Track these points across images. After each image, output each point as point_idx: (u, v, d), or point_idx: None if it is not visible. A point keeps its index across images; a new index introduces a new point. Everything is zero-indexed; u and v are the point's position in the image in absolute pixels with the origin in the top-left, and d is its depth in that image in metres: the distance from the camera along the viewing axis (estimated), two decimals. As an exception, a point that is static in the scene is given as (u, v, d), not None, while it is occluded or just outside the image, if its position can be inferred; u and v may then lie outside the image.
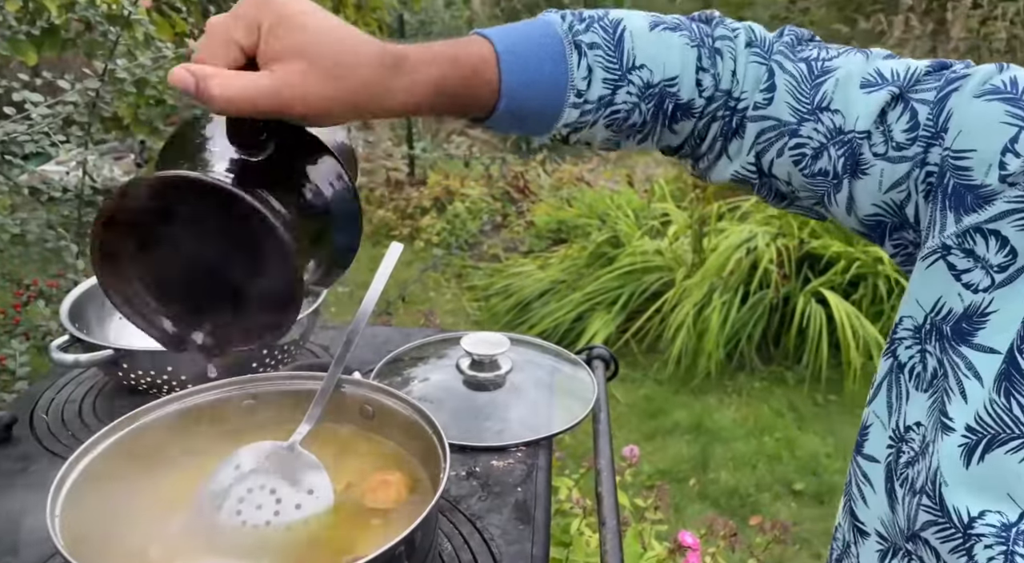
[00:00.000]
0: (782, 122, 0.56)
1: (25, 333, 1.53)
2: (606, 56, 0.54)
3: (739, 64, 0.58)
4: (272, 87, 0.44)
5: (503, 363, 0.89)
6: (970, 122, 0.50)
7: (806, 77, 0.56)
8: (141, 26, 1.75)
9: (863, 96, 0.54)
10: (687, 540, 1.32)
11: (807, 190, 0.59)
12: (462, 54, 0.50)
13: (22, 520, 0.69)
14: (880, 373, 0.58)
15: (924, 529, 0.50)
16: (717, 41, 0.58)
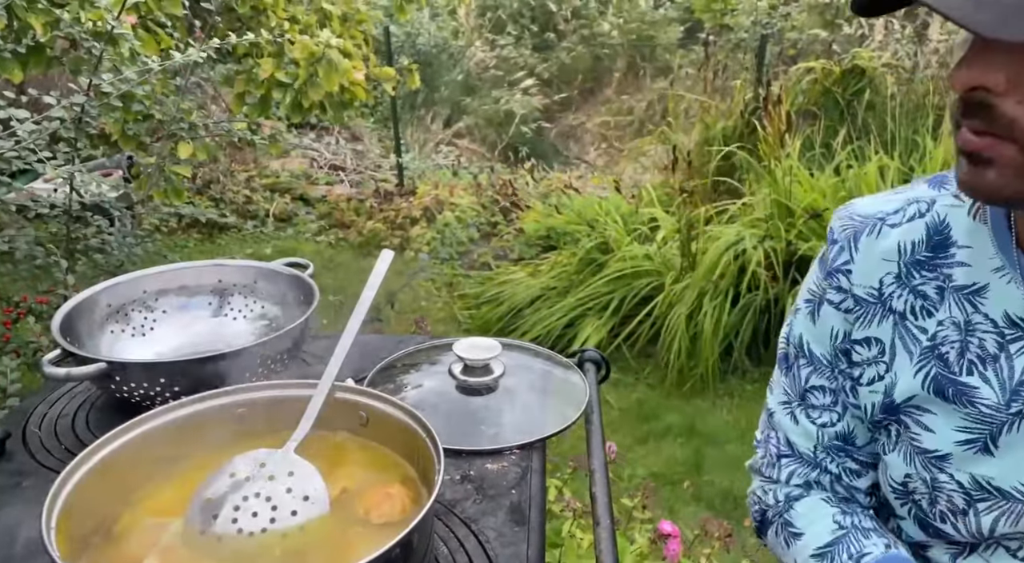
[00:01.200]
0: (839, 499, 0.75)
1: (15, 350, 1.52)
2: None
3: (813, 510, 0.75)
4: None
5: (495, 367, 0.90)
6: (820, 333, 0.71)
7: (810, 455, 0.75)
8: (126, 41, 1.75)
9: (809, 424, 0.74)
10: (667, 529, 1.33)
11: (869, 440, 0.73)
12: None
13: (17, 534, 0.69)
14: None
15: (995, 528, 0.61)
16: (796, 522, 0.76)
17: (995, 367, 0.59)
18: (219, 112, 4.02)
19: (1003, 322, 0.59)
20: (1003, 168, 0.49)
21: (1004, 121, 0.48)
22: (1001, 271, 0.59)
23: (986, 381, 0.59)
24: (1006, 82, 0.48)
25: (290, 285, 0.99)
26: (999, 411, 0.59)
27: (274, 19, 2.47)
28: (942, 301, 0.62)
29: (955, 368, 0.61)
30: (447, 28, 7.47)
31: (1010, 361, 0.58)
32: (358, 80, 2.29)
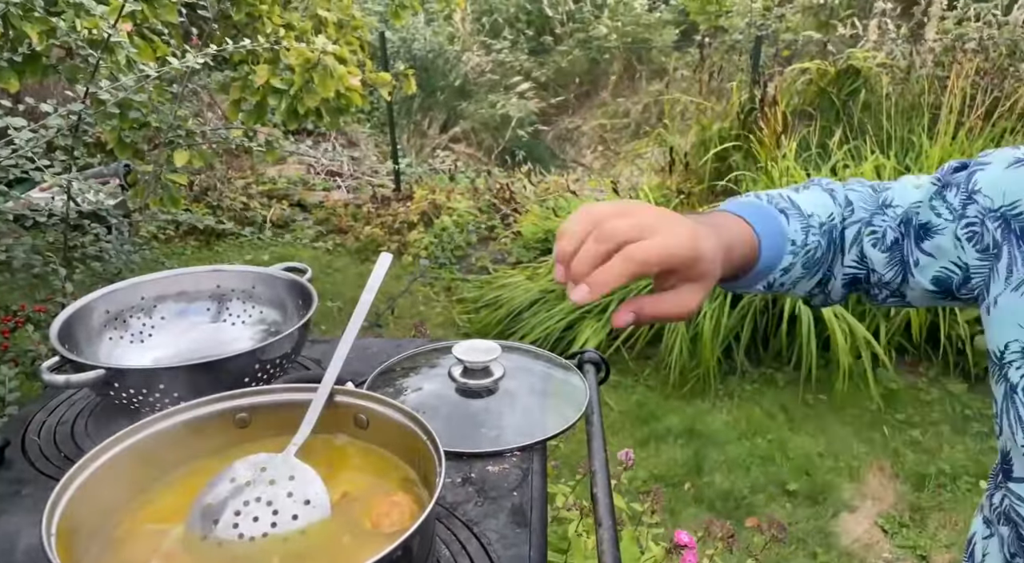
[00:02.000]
0: (860, 219, 0.78)
1: (14, 359, 1.52)
2: (795, 213, 0.75)
3: (840, 196, 0.79)
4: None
5: (495, 370, 0.90)
6: (1009, 184, 0.68)
7: (871, 193, 0.80)
8: (123, 49, 1.75)
9: (915, 191, 0.75)
10: (683, 539, 1.32)
11: (889, 269, 0.77)
12: (741, 235, 0.70)
13: (17, 542, 0.69)
14: (997, 403, 0.69)
15: None
16: (828, 185, 0.81)
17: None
18: (215, 119, 4.02)
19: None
20: None
21: None
22: None
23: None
24: None
25: (288, 290, 0.99)
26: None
27: (269, 26, 2.48)
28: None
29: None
30: (443, 33, 7.49)
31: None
32: (354, 86, 2.29)
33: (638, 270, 0.58)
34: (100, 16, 1.71)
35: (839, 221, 0.78)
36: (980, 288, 0.71)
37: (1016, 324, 0.66)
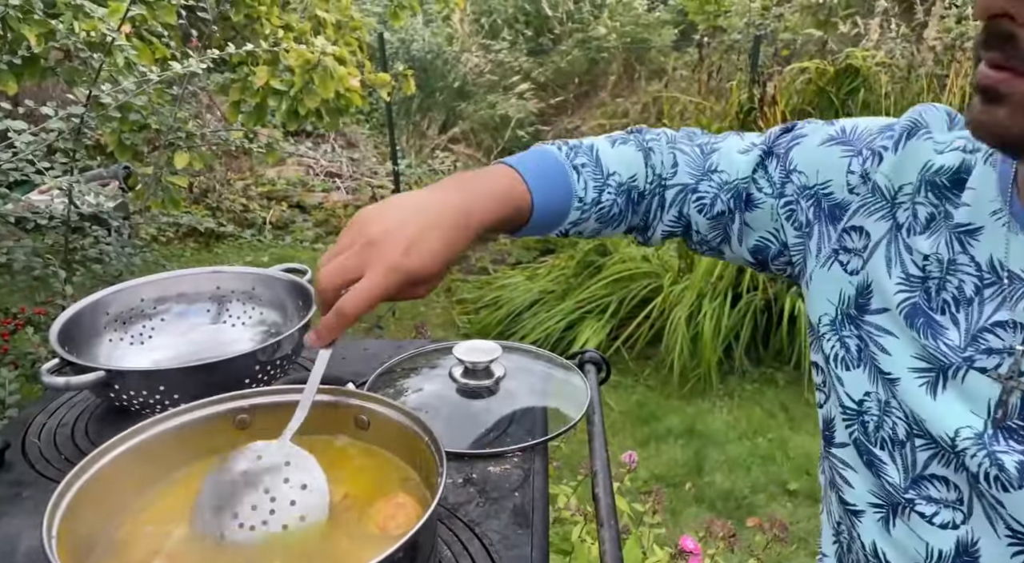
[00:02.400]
0: (685, 184, 0.78)
1: (13, 362, 1.52)
2: (592, 171, 0.75)
3: (664, 155, 0.79)
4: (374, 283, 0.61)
5: (496, 370, 0.90)
6: (821, 163, 0.71)
7: (698, 155, 0.78)
8: (122, 51, 1.75)
9: (741, 157, 0.76)
10: (688, 545, 1.32)
11: (712, 231, 0.79)
12: (507, 193, 0.69)
13: (17, 545, 0.68)
14: (820, 375, 0.72)
15: (927, 467, 0.60)
16: (649, 142, 0.79)
17: (967, 311, 0.58)
18: (214, 121, 4.03)
19: (986, 266, 0.57)
20: (1016, 105, 0.47)
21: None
22: (998, 214, 0.58)
23: (955, 323, 0.59)
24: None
25: (288, 291, 0.99)
26: (954, 352, 0.58)
27: (268, 27, 2.48)
28: (929, 232, 0.62)
29: (933, 304, 0.60)
30: (441, 34, 7.49)
31: (981, 307, 0.57)
32: (354, 86, 2.29)
33: (356, 317, 0.60)
34: (99, 18, 1.71)
35: (650, 181, 0.78)
36: (800, 264, 0.73)
37: (826, 299, 0.69)
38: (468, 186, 0.67)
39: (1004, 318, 0.55)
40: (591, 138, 0.79)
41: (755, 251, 0.77)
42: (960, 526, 0.58)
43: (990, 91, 0.48)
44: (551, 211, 0.72)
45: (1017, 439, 0.54)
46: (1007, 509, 0.54)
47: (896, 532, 0.63)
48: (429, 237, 0.61)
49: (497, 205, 0.67)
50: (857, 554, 0.67)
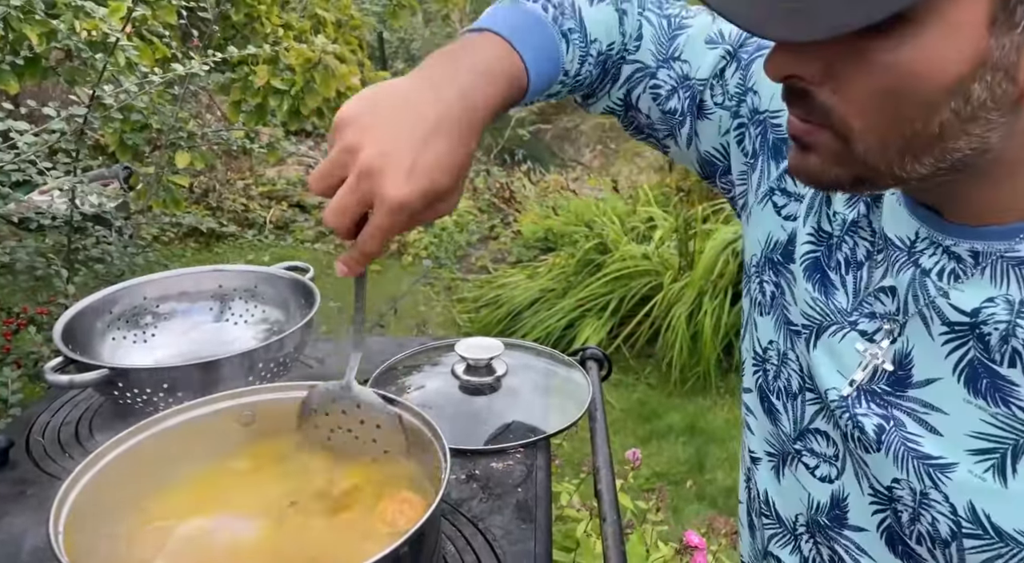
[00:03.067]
0: (645, 65, 0.69)
1: (16, 361, 1.52)
2: (579, 39, 0.65)
3: (632, 20, 0.69)
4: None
5: (498, 367, 0.90)
6: (777, 85, 0.62)
7: (665, 30, 0.69)
8: (123, 52, 1.75)
9: (707, 50, 0.68)
10: (693, 540, 1.32)
11: (661, 124, 0.72)
12: (504, 76, 0.59)
13: (22, 542, 0.69)
14: (745, 313, 0.70)
15: (812, 421, 0.60)
16: (623, 3, 0.69)
17: (856, 274, 0.58)
18: (214, 121, 4.03)
19: (880, 232, 0.57)
20: (823, 154, 0.48)
21: (821, 110, 0.46)
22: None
23: (844, 285, 0.58)
24: (820, 72, 0.45)
25: (291, 289, 0.99)
26: (840, 314, 0.58)
27: (268, 26, 2.48)
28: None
29: (830, 261, 0.60)
30: (441, 33, 7.49)
31: (870, 272, 0.57)
32: (355, 85, 2.29)
33: (380, 252, 0.54)
34: (100, 18, 1.71)
35: (617, 51, 0.69)
36: (743, 196, 0.69)
37: (756, 239, 0.67)
38: (464, 72, 0.56)
39: (887, 284, 0.55)
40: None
41: (703, 163, 0.72)
42: (835, 480, 0.59)
43: (800, 140, 0.49)
44: (542, 86, 0.63)
45: (878, 403, 0.54)
46: (871, 469, 0.55)
47: (784, 481, 0.63)
48: (434, 149, 0.51)
49: (499, 92, 0.57)
50: (756, 502, 0.68)
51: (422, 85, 0.54)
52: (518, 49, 0.59)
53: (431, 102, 0.53)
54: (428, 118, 0.52)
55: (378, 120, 0.52)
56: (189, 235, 4.59)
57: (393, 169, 0.50)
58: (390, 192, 0.50)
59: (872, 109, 0.45)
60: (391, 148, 0.50)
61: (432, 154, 0.51)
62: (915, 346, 0.53)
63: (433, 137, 0.51)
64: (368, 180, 0.50)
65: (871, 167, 0.47)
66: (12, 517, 0.73)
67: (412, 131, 0.51)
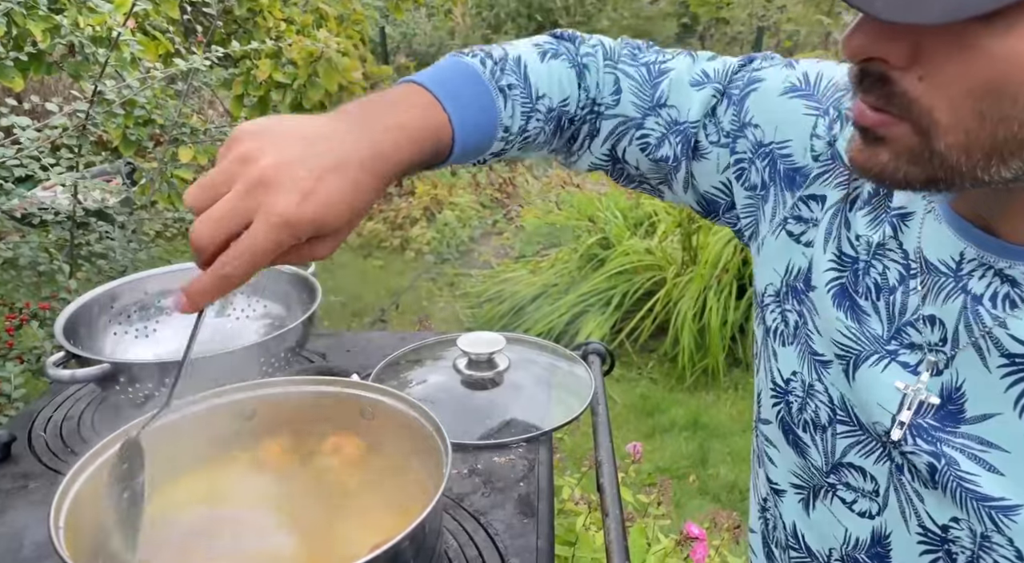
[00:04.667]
0: (629, 118, 0.67)
1: (19, 356, 1.52)
2: (521, 93, 0.62)
3: (600, 75, 0.68)
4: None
5: (500, 361, 0.90)
6: (782, 118, 0.62)
7: (646, 79, 0.67)
8: (127, 47, 1.75)
9: (694, 92, 0.66)
10: (694, 531, 1.32)
11: (653, 172, 0.70)
12: (424, 129, 0.55)
13: (24, 537, 0.69)
14: (757, 345, 0.67)
15: (846, 454, 0.57)
16: (584, 58, 0.68)
17: (889, 299, 0.54)
18: (216, 116, 4.03)
19: (913, 255, 0.54)
20: (897, 149, 0.43)
21: (902, 99, 0.42)
22: (926, 200, 0.54)
23: (876, 311, 0.55)
24: (907, 56, 0.41)
25: (292, 284, 0.99)
26: (877, 342, 0.55)
27: (271, 20, 2.48)
28: (869, 209, 0.57)
29: (858, 287, 0.56)
30: (443, 28, 7.47)
31: (905, 297, 0.54)
32: (357, 79, 2.29)
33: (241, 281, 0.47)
34: (106, 13, 1.71)
35: (581, 106, 0.67)
36: (752, 227, 0.67)
37: (772, 268, 0.64)
38: (379, 119, 0.53)
39: (927, 313, 0.52)
40: (515, 46, 0.66)
41: (703, 203, 0.70)
42: (875, 517, 0.56)
43: (870, 132, 0.45)
44: (473, 144, 0.60)
45: (926, 439, 0.51)
46: (925, 506, 0.52)
47: (815, 515, 0.61)
48: (335, 182, 0.47)
49: (413, 144, 0.54)
50: (780, 533, 0.66)
51: (334, 124, 0.51)
52: (443, 103, 0.56)
53: (339, 140, 0.49)
54: (333, 152, 0.48)
55: (283, 137, 0.48)
56: (192, 231, 4.59)
57: (290, 185, 0.46)
58: (281, 207, 0.45)
59: (965, 103, 0.40)
60: (292, 164, 0.47)
61: (332, 187, 0.47)
62: (967, 379, 0.50)
63: (335, 172, 0.48)
64: (261, 191, 0.46)
65: (951, 167, 0.42)
66: (15, 511, 0.73)
67: (316, 158, 0.47)
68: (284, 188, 0.46)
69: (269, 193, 0.46)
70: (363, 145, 0.50)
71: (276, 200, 0.45)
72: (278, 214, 0.45)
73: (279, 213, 0.45)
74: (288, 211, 0.46)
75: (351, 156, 0.49)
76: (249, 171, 0.46)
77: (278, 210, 0.45)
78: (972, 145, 0.41)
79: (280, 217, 0.45)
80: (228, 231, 0.46)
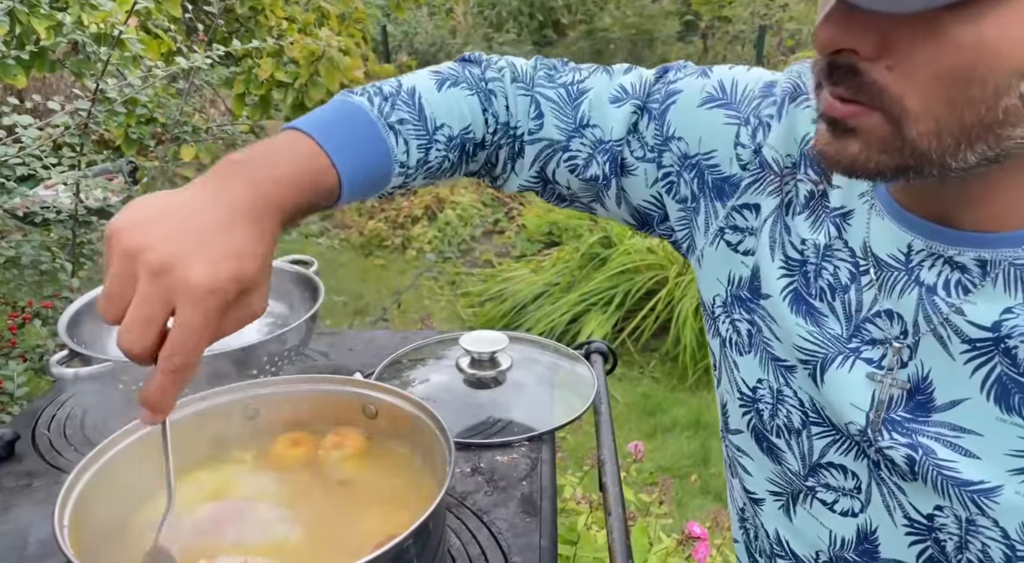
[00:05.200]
0: (554, 141, 0.68)
1: (22, 355, 1.52)
2: (415, 127, 0.62)
3: (510, 99, 0.68)
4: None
5: (503, 360, 0.90)
6: (704, 129, 0.63)
7: (566, 100, 0.67)
8: (130, 45, 1.75)
9: (614, 110, 0.66)
10: (696, 531, 1.32)
11: (584, 192, 0.70)
12: (306, 175, 0.54)
13: (29, 535, 0.69)
14: (715, 356, 0.68)
15: (824, 455, 0.58)
16: (489, 83, 0.68)
17: (843, 298, 0.55)
18: (218, 114, 4.03)
19: (860, 252, 0.54)
20: (868, 139, 0.44)
21: (872, 89, 0.42)
22: (864, 197, 0.55)
23: (832, 311, 0.55)
24: (876, 46, 0.41)
25: (295, 282, 0.99)
26: (838, 342, 0.55)
27: (272, 19, 2.48)
28: (808, 212, 0.57)
29: (810, 290, 0.57)
30: (445, 26, 7.47)
31: (859, 294, 0.54)
32: (358, 78, 2.29)
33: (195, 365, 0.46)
34: (109, 11, 1.71)
35: (490, 132, 0.67)
36: (687, 239, 0.67)
37: (716, 279, 0.64)
38: (255, 173, 0.51)
39: (883, 308, 0.52)
40: (412, 77, 0.66)
41: (636, 216, 0.71)
42: (859, 514, 0.56)
43: (838, 124, 0.45)
44: (366, 182, 0.59)
45: (900, 431, 0.51)
46: (908, 497, 0.52)
47: (798, 520, 0.61)
48: (232, 236, 0.46)
49: (296, 192, 0.52)
50: (763, 542, 0.66)
51: (203, 192, 0.49)
52: (323, 146, 0.55)
53: (213, 203, 0.48)
54: (218, 214, 0.47)
55: (160, 220, 0.46)
56: (194, 229, 4.59)
57: (191, 257, 0.44)
58: (194, 278, 0.44)
59: (935, 90, 0.40)
60: (182, 240, 0.45)
61: (232, 239, 0.46)
62: (932, 368, 0.50)
63: (228, 226, 0.47)
64: (165, 276, 0.44)
65: (921, 154, 0.43)
66: (18, 509, 0.73)
67: (203, 226, 0.46)
68: (187, 260, 0.44)
69: (175, 272, 0.44)
70: (246, 197, 0.49)
71: (188, 275, 0.44)
72: (195, 284, 0.44)
73: (197, 284, 0.44)
74: (204, 277, 0.44)
75: (235, 210, 0.48)
76: (145, 260, 0.44)
77: (194, 280, 0.44)
78: (942, 131, 0.42)
79: (200, 287, 0.44)
80: (157, 326, 0.45)
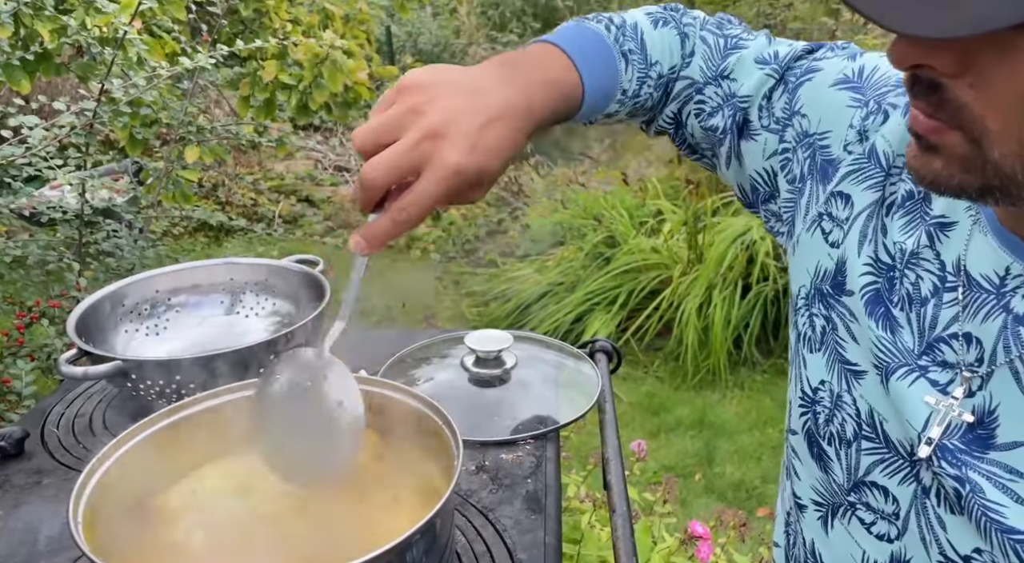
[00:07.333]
0: (693, 81, 0.69)
1: (30, 354, 1.53)
2: (639, 59, 0.66)
3: (692, 42, 0.70)
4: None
5: (507, 359, 0.90)
6: (827, 108, 0.62)
7: (720, 49, 0.69)
8: (134, 47, 1.76)
9: (755, 69, 0.66)
10: (698, 530, 1.33)
11: (705, 141, 0.71)
12: (565, 86, 0.60)
13: (39, 531, 0.70)
14: (792, 349, 0.66)
15: (869, 472, 0.55)
16: (686, 27, 0.70)
17: (919, 312, 0.53)
18: (223, 115, 4.04)
19: (951, 267, 0.52)
20: (950, 158, 0.42)
21: (953, 106, 0.41)
22: (971, 210, 0.52)
23: (908, 323, 0.53)
24: (956, 63, 0.39)
25: (301, 282, 1.00)
26: (908, 356, 0.52)
27: (277, 21, 2.48)
28: (903, 213, 0.55)
29: (892, 296, 0.54)
30: (448, 27, 7.48)
31: (937, 310, 0.52)
32: (362, 80, 2.29)
33: (417, 223, 0.51)
34: (112, 14, 1.72)
35: (676, 73, 0.69)
36: (789, 223, 0.65)
37: (805, 269, 0.62)
38: (525, 74, 0.56)
39: (963, 330, 0.50)
40: (632, 14, 0.69)
41: (745, 187, 0.70)
42: (894, 541, 0.54)
43: (923, 139, 0.44)
44: (595, 103, 0.63)
45: (950, 462, 0.49)
46: (948, 532, 0.50)
47: (834, 534, 0.59)
48: (495, 133, 0.51)
49: (554, 99, 0.58)
50: (799, 549, 0.64)
51: (489, 74, 0.55)
52: (576, 62, 0.60)
53: (496, 89, 0.53)
54: (493, 104, 0.52)
55: (449, 90, 0.52)
56: (199, 229, 4.61)
57: (459, 138, 0.50)
58: (452, 157, 0.49)
59: (1016, 111, 0.39)
60: (460, 118, 0.50)
61: (494, 138, 0.51)
62: (1001, 403, 0.48)
63: (496, 122, 0.52)
64: (431, 142, 0.49)
65: (1005, 176, 0.41)
66: (29, 506, 0.74)
67: (481, 111, 0.51)
68: (454, 140, 0.50)
69: (439, 144, 0.49)
70: (518, 97, 0.54)
71: (447, 151, 0.49)
72: (450, 165, 0.49)
73: (451, 164, 0.49)
74: (459, 161, 0.49)
75: (508, 108, 0.53)
76: (420, 122, 0.50)
77: (450, 161, 0.49)
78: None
79: (452, 167, 0.49)
80: (400, 176, 0.50)
